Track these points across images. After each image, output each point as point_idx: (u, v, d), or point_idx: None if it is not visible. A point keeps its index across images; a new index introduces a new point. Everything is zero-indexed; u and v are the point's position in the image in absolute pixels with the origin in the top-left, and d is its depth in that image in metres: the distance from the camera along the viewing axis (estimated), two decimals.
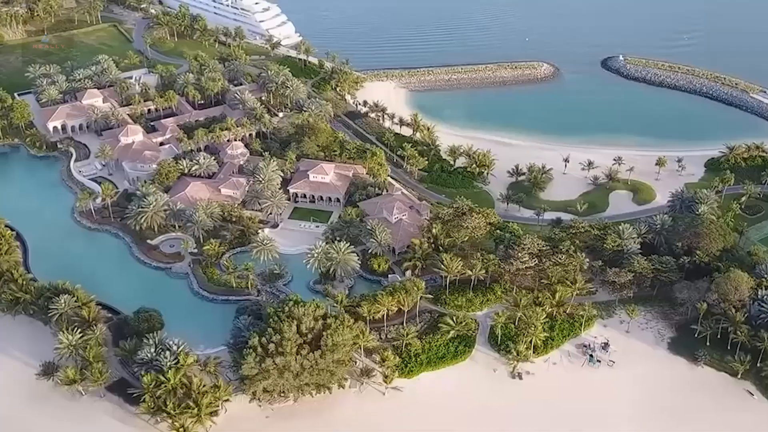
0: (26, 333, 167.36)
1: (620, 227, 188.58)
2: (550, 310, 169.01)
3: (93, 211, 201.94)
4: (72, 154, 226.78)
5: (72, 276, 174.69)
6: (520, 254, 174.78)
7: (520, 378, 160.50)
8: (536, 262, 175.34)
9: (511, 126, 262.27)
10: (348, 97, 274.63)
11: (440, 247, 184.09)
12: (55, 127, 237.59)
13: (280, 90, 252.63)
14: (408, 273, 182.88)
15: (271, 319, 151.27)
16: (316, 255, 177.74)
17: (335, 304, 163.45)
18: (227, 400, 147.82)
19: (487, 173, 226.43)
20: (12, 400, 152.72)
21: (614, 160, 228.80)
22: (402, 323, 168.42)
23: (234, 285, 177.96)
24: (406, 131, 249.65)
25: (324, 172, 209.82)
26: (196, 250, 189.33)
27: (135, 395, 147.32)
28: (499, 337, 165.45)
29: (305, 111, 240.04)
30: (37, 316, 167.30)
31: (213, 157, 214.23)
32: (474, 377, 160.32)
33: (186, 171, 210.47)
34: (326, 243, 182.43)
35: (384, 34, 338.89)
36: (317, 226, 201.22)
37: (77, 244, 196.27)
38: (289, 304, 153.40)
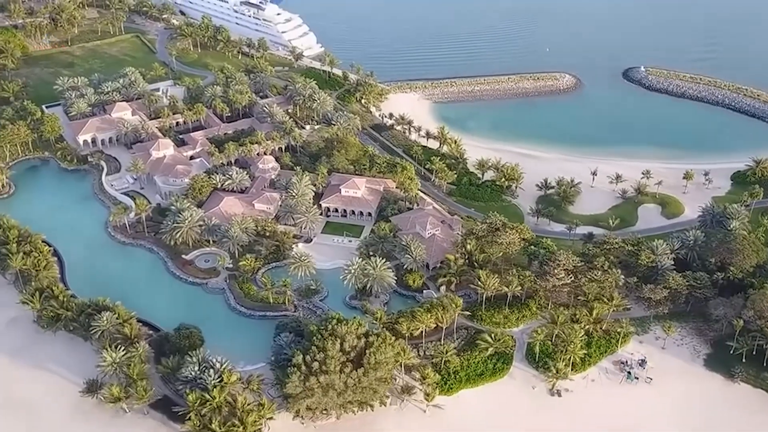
0: (67, 349, 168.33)
1: (654, 243, 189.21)
2: (587, 327, 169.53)
3: (127, 226, 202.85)
4: (103, 168, 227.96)
5: (108, 291, 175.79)
6: (555, 270, 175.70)
7: (559, 395, 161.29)
8: (572, 278, 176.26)
9: (535, 138, 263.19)
10: (373, 109, 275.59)
11: (475, 263, 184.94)
12: (85, 141, 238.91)
13: (307, 103, 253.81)
14: (442, 289, 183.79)
15: (314, 337, 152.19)
16: (352, 271, 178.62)
17: (374, 321, 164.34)
18: (271, 418, 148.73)
19: (516, 187, 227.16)
20: (56, 416, 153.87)
21: (642, 173, 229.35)
22: (439, 340, 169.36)
23: (271, 301, 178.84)
24: (432, 144, 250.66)
25: (356, 187, 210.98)
26: (231, 265, 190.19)
27: (180, 413, 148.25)
28: (537, 354, 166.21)
29: (334, 124, 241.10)
30: (78, 332, 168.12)
31: (245, 172, 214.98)
32: (513, 394, 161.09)
33: (219, 185, 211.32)
34: (361, 258, 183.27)
35: (405, 45, 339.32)
36: (350, 241, 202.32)
37: (112, 259, 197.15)
38: (332, 322, 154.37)
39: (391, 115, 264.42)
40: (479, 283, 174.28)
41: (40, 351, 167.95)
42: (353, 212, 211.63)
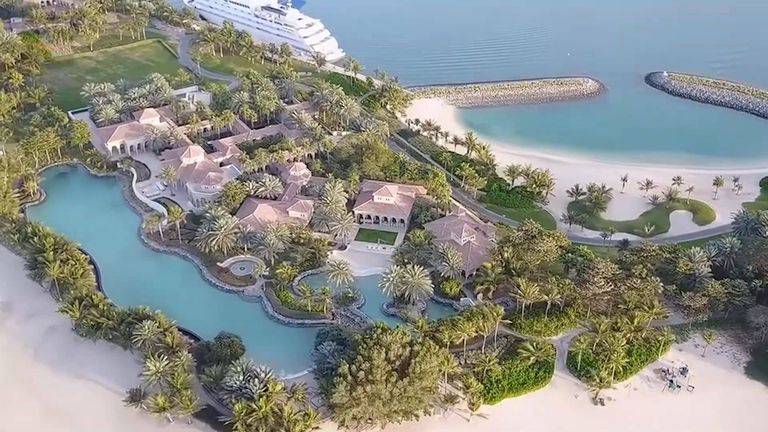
0: (107, 358, 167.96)
1: (691, 250, 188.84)
2: (628, 335, 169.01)
3: (161, 233, 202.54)
4: (133, 175, 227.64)
5: (144, 299, 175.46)
6: (595, 279, 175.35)
7: (602, 404, 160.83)
8: (612, 286, 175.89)
9: (561, 143, 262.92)
10: (398, 114, 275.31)
11: (512, 271, 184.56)
12: (114, 147, 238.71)
13: (334, 109, 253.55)
14: (479, 296, 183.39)
15: (359, 346, 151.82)
16: (391, 278, 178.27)
17: (416, 330, 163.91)
18: (317, 427, 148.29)
19: (547, 193, 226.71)
20: (100, 426, 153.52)
21: (674, 179, 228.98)
22: (479, 348, 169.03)
23: (310, 309, 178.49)
24: (459, 149, 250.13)
25: (389, 194, 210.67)
26: (267, 273, 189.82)
27: (226, 423, 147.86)
28: (579, 363, 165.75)
29: (363, 130, 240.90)
30: (118, 341, 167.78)
31: (278, 179, 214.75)
32: (557, 403, 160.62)
33: (251, 192, 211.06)
34: (397, 266, 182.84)
35: (426, 50, 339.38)
36: (383, 248, 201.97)
37: (147, 266, 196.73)
38: (376, 331, 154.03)
39: (417, 121, 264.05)
40: (519, 291, 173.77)
41: (80, 360, 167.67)
42: (386, 219, 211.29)
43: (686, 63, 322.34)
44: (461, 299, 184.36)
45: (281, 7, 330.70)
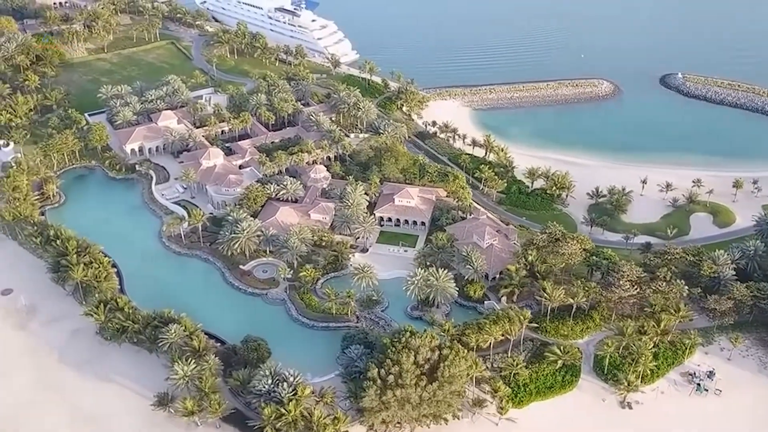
0: (132, 362, 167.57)
1: (715, 253, 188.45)
2: (655, 338, 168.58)
3: (182, 236, 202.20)
4: (152, 177, 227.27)
5: (167, 302, 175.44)
6: (621, 282, 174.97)
7: (630, 408, 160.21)
8: (637, 289, 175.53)
9: (578, 145, 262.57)
10: (414, 116, 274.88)
11: (537, 274, 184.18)
12: (132, 149, 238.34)
13: (352, 111, 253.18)
14: (503, 300, 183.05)
15: (388, 350, 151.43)
16: (416, 282, 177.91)
17: (442, 333, 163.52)
18: (346, 431, 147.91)
19: (567, 195, 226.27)
20: (129, 430, 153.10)
21: (693, 182, 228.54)
22: (505, 352, 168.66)
23: (334, 312, 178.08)
24: (476, 151, 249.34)
25: (410, 196, 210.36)
26: (290, 276, 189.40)
27: (255, 427, 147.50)
28: (606, 366, 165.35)
29: (381, 133, 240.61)
30: (143, 344, 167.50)
31: (298, 181, 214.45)
32: (584, 407, 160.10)
33: (272, 195, 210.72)
34: (423, 269, 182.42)
35: (440, 51, 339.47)
36: (405, 251, 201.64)
37: (168, 269, 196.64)
38: (405, 335, 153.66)
39: (434, 123, 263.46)
40: (545, 294, 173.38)
41: (106, 363, 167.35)
42: (406, 222, 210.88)
43: (700, 64, 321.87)
44: (485, 302, 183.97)
45: (295, 9, 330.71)
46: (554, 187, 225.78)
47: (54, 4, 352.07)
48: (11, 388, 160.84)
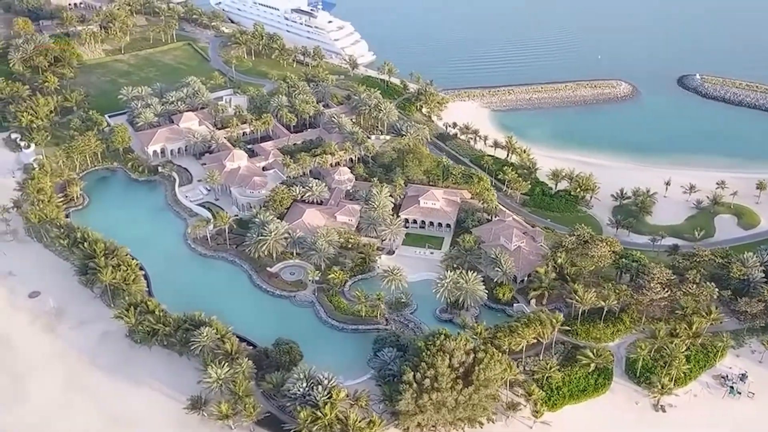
0: (164, 365, 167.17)
1: (744, 255, 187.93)
2: (687, 341, 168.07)
3: (208, 238, 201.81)
4: (175, 179, 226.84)
5: (196, 305, 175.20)
6: (652, 284, 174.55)
7: (664, 411, 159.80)
8: (668, 292, 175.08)
9: (598, 146, 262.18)
10: (434, 118, 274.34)
11: (567, 276, 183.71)
12: (154, 151, 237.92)
13: (373, 113, 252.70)
14: (533, 302, 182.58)
15: (422, 353, 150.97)
16: (445, 284, 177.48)
17: (474, 336, 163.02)
18: None
19: (591, 197, 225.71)
20: None
21: (717, 183, 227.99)
22: (537, 355, 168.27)
23: (363, 314, 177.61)
24: (497, 153, 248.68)
25: (435, 198, 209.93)
26: (318, 278, 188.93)
27: (291, 431, 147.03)
28: (638, 369, 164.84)
29: (403, 134, 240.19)
30: (174, 347, 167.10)
31: (323, 183, 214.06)
32: (618, 410, 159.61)
33: (298, 197, 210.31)
34: (452, 271, 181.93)
35: (457, 52, 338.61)
36: (431, 253, 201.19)
37: (195, 271, 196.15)
38: (439, 338, 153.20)
39: (454, 125, 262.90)
40: (576, 297, 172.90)
41: (136, 366, 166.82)
42: (431, 223, 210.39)
43: (717, 65, 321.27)
44: (514, 305, 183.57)
45: (311, 10, 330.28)
46: (578, 189, 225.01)
47: (69, 5, 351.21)
48: (43, 391, 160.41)
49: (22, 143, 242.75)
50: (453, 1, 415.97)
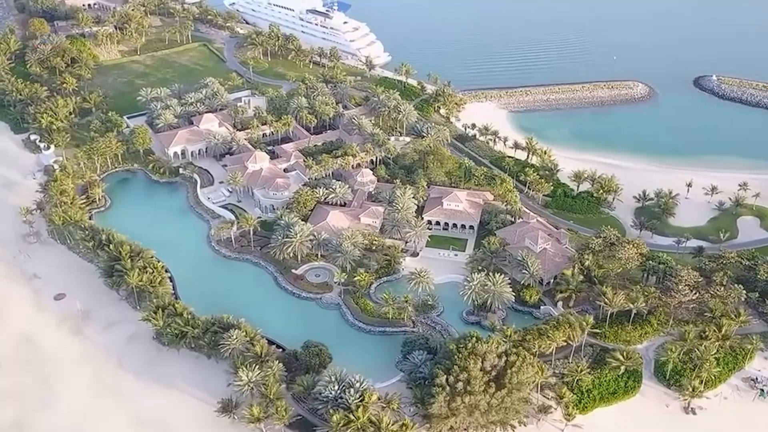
0: (193, 367, 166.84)
1: None
2: (717, 343, 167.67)
3: (233, 240, 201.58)
4: (197, 181, 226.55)
5: (222, 307, 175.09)
6: (680, 287, 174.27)
7: (694, 413, 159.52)
8: (696, 294, 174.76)
9: (617, 147, 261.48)
10: (452, 119, 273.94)
11: (594, 279, 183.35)
12: (175, 153, 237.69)
13: (392, 114, 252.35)
14: (560, 305, 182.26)
15: (454, 356, 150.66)
16: (473, 286, 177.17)
17: (504, 339, 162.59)
18: None
19: (614, 198, 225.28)
20: None
21: (740, 185, 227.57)
22: (565, 357, 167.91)
23: (390, 317, 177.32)
24: (517, 154, 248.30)
25: (458, 200, 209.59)
26: (343, 280, 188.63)
27: None
28: (668, 372, 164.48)
29: (424, 136, 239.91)
30: (202, 350, 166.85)
31: (346, 185, 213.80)
32: (649, 413, 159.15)
33: (321, 199, 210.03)
34: (479, 273, 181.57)
35: (473, 53, 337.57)
36: (456, 255, 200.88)
37: (220, 273, 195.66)
38: (471, 341, 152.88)
39: (473, 126, 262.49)
40: (605, 299, 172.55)
41: (166, 369, 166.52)
42: (455, 225, 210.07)
43: (733, 66, 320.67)
44: (541, 307, 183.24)
45: (327, 11, 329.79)
46: (601, 191, 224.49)
47: (83, 5, 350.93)
48: (72, 394, 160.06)
49: (42, 144, 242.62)
50: (466, 3, 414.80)
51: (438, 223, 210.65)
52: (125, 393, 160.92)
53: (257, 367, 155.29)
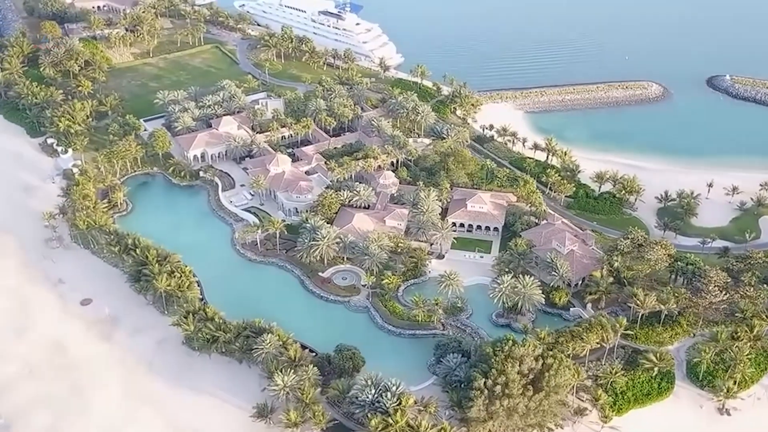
0: (225, 372, 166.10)
1: None
2: (749, 344, 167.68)
3: (258, 243, 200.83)
4: (218, 184, 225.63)
5: (250, 311, 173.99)
6: (710, 288, 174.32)
7: (729, 414, 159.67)
8: (726, 295, 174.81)
9: (636, 148, 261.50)
10: (469, 120, 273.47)
11: (623, 280, 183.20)
12: (195, 156, 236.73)
13: (410, 116, 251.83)
14: (589, 306, 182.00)
15: (491, 359, 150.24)
16: (503, 289, 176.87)
17: (538, 342, 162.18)
18: None
19: (636, 199, 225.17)
20: None
21: (761, 185, 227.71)
22: (597, 359, 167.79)
23: (419, 319, 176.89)
24: (536, 155, 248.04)
25: (482, 202, 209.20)
26: (371, 283, 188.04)
27: None
28: (701, 373, 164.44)
29: (444, 137, 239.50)
30: (233, 355, 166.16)
31: (370, 188, 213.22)
32: (683, 414, 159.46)
33: (346, 202, 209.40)
34: (507, 275, 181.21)
35: (487, 54, 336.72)
36: (481, 257, 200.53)
37: (247, 277, 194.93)
38: (507, 344, 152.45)
39: (491, 127, 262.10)
40: (636, 301, 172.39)
41: (197, 374, 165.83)
42: (479, 227, 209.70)
43: (746, 66, 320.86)
44: (571, 310, 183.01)
45: (339, 12, 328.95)
46: (623, 191, 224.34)
47: (93, 8, 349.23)
48: (105, 400, 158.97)
49: (59, 148, 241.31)
50: (478, 4, 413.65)
51: (462, 225, 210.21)
52: (158, 399, 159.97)
53: (292, 371, 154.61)
